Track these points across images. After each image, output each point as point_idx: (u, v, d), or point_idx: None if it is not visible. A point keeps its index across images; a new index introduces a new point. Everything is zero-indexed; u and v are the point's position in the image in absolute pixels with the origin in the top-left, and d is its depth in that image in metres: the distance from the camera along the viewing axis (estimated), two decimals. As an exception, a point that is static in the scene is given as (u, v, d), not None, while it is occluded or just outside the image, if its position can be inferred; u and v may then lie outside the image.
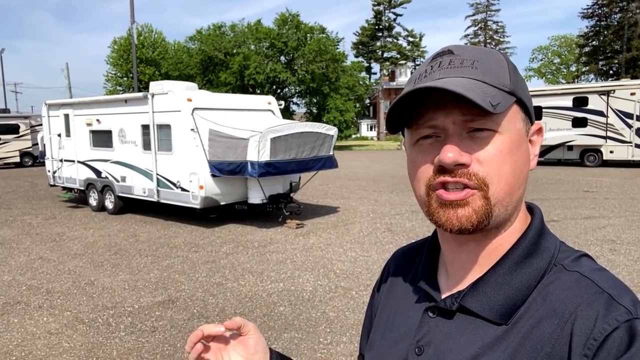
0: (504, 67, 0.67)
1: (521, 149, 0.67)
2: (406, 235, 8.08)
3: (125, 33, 39.69)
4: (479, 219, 0.64)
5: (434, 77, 0.66)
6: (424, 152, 0.68)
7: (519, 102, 0.67)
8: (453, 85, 0.61)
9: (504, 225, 0.69)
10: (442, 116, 0.65)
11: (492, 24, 57.19)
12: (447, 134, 0.65)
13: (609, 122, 17.96)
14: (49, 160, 12.64)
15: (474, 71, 0.65)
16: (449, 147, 0.64)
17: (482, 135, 0.64)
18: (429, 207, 0.68)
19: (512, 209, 0.67)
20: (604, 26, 46.16)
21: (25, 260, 7.15)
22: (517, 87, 0.67)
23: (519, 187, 0.67)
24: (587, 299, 0.61)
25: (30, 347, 4.29)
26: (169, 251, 7.51)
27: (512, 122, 0.66)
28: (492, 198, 0.64)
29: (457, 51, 0.68)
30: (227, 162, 8.53)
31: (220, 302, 5.31)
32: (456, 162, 0.63)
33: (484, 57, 0.67)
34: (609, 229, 8.15)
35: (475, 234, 0.67)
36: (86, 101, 11.64)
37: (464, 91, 0.60)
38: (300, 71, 35.10)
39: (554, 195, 11.83)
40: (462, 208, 0.65)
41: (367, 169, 20.68)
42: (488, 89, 0.63)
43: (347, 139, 43.12)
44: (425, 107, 0.66)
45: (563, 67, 56.70)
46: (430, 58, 0.70)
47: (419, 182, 0.69)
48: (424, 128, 0.67)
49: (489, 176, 0.64)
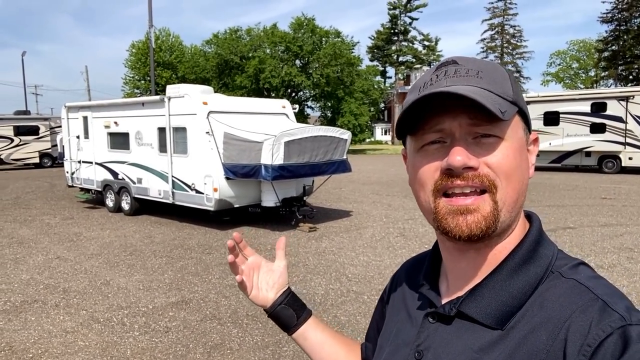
0: (506, 79, 0.69)
1: (523, 157, 0.69)
2: (419, 241, 8.05)
3: (143, 37, 40.28)
4: (487, 224, 0.65)
5: (441, 84, 0.67)
6: (429, 157, 0.69)
7: (520, 113, 0.70)
8: (465, 91, 0.63)
9: (506, 233, 0.70)
10: (449, 120, 0.66)
11: (509, 28, 56.62)
12: (454, 138, 0.66)
13: (627, 128, 17.65)
14: (68, 161, 12.88)
15: (480, 80, 0.67)
16: (458, 149, 0.65)
17: (489, 141, 0.66)
18: (436, 215, 0.68)
19: (515, 216, 0.69)
20: (624, 31, 45.39)
21: (43, 260, 7.29)
22: (519, 98, 0.69)
23: (522, 193, 0.69)
24: (581, 305, 0.61)
25: (47, 345, 4.38)
26: (183, 252, 7.59)
27: (515, 131, 0.68)
28: (499, 202, 0.65)
29: (461, 62, 0.70)
30: (241, 165, 8.60)
31: (232, 304, 5.35)
32: (465, 164, 0.64)
33: (487, 68, 0.69)
34: (627, 237, 8.01)
35: (481, 241, 0.68)
36: (104, 104, 11.86)
37: (476, 97, 0.62)
38: (315, 75, 35.17)
39: (571, 202, 11.66)
40: (472, 214, 0.65)
41: (380, 173, 20.63)
42: (495, 97, 0.65)
43: (361, 143, 43.05)
44: (432, 112, 0.67)
45: (582, 72, 55.87)
46: (435, 67, 0.72)
47: (424, 188, 0.69)
48: (430, 133, 0.68)
49: (497, 179, 0.65)
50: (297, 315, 1.00)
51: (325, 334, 1.00)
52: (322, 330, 1.01)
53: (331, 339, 1.00)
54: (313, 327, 1.00)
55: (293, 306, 1.00)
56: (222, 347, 4.30)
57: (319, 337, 0.99)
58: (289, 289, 1.01)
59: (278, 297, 0.99)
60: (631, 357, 0.55)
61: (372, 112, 42.23)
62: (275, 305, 1.00)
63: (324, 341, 0.99)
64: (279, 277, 1.00)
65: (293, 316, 0.99)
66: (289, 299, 1.00)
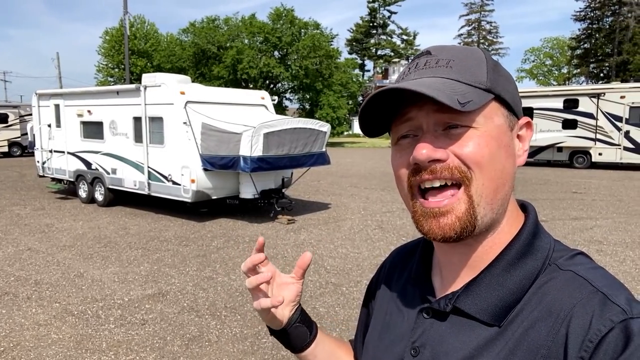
0: (481, 66, 0.67)
1: (502, 144, 0.66)
2: (397, 233, 8.13)
3: (118, 23, 39.31)
4: (462, 225, 0.64)
5: (410, 78, 0.68)
6: (402, 151, 0.69)
7: (498, 99, 0.67)
8: (417, 86, 0.62)
9: (493, 227, 0.68)
10: (415, 111, 0.66)
11: (486, 24, 57.48)
12: (422, 131, 0.66)
13: (598, 125, 18.16)
14: (39, 150, 12.50)
15: (448, 70, 0.66)
16: (422, 144, 0.64)
17: (458, 131, 0.64)
18: (414, 215, 0.68)
19: (498, 208, 0.66)
20: (596, 29, 46.60)
21: (14, 251, 7.08)
22: (496, 84, 0.67)
23: (504, 183, 0.66)
24: (581, 299, 0.60)
25: (19, 338, 4.27)
26: (159, 244, 7.49)
27: (490, 118, 0.65)
28: (475, 195, 0.64)
29: (434, 52, 0.69)
30: (219, 156, 8.50)
31: (210, 296, 5.31)
32: (430, 157, 0.63)
33: (460, 55, 0.68)
34: (596, 230, 8.26)
35: (459, 242, 0.66)
36: (77, 92, 11.52)
37: (427, 90, 0.60)
38: (293, 66, 34.98)
39: (543, 196, 11.96)
40: (445, 217, 0.64)
41: (358, 166, 20.72)
42: (459, 87, 0.64)
43: (339, 136, 43.13)
44: (403, 106, 0.67)
45: (555, 69, 57.13)
46: (411, 60, 0.72)
47: (402, 183, 0.69)
48: (401, 125, 0.68)
49: (469, 170, 0.63)
50: (309, 332, 0.90)
51: (331, 345, 0.94)
52: (329, 342, 0.93)
53: (337, 348, 0.95)
54: (321, 341, 0.91)
55: (305, 323, 0.90)
56: (200, 339, 4.27)
57: (326, 350, 0.92)
58: (299, 303, 0.90)
59: (292, 314, 0.88)
60: (634, 352, 0.54)
61: (351, 105, 42.29)
62: (290, 323, 0.88)
63: (331, 353, 0.93)
64: (294, 293, 0.88)
65: (306, 333, 0.89)
66: (301, 316, 0.89)
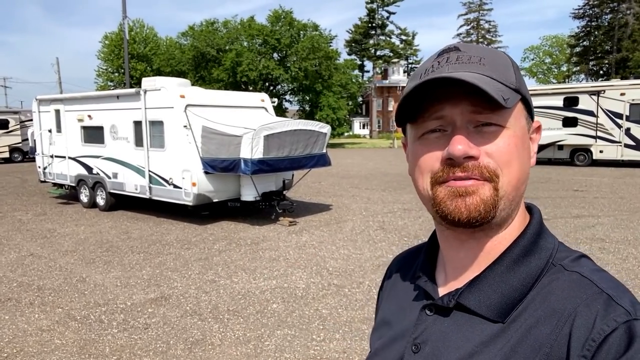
0: (509, 66, 0.68)
1: (525, 146, 0.69)
2: (398, 233, 8.13)
3: (117, 28, 39.38)
4: (486, 208, 0.64)
5: (443, 71, 0.66)
6: (429, 145, 0.67)
7: (523, 100, 0.68)
8: (468, 77, 0.62)
9: (505, 223, 0.69)
10: (450, 107, 0.65)
11: (485, 23, 57.49)
12: (455, 127, 0.65)
13: (599, 122, 18.13)
14: (40, 156, 12.52)
15: (482, 67, 0.65)
16: (459, 138, 0.63)
17: (490, 129, 0.65)
18: (435, 199, 0.67)
19: (515, 205, 0.68)
20: (595, 27, 46.59)
21: (16, 257, 7.09)
22: (522, 86, 0.68)
23: (524, 182, 0.68)
24: (586, 299, 0.60)
25: (22, 344, 4.27)
26: (161, 248, 7.49)
27: (518, 119, 0.67)
28: (500, 190, 0.65)
29: (463, 48, 0.69)
30: (220, 159, 8.51)
31: (213, 299, 5.31)
32: (466, 154, 0.63)
33: (489, 55, 0.68)
34: (598, 227, 8.25)
35: (479, 229, 0.67)
36: (77, 97, 11.55)
37: (479, 83, 0.61)
38: (293, 68, 35.00)
39: (544, 194, 11.94)
40: (470, 197, 0.64)
41: (359, 166, 20.72)
42: (497, 85, 0.64)
43: (339, 137, 43.14)
44: (433, 99, 0.66)
45: (554, 67, 57.16)
46: (436, 54, 0.70)
47: (423, 176, 0.68)
48: (430, 120, 0.67)
49: (498, 169, 0.64)
50: None
51: None
52: None
53: None
54: None
55: None
56: (203, 342, 4.27)
57: None
58: None
59: None
60: (635, 353, 0.54)
61: (350, 106, 42.36)
62: None
63: None
64: None
65: None
66: None
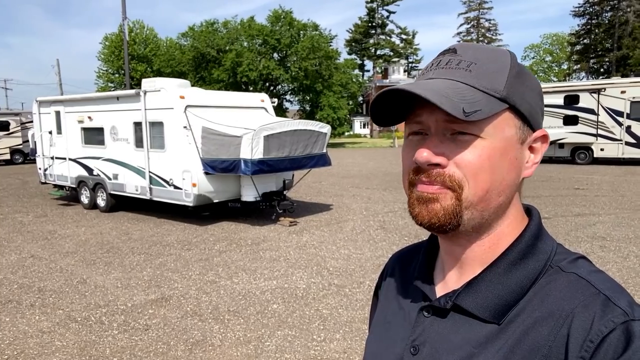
0: (503, 72, 0.66)
1: (507, 157, 0.66)
2: (399, 233, 8.12)
3: (117, 29, 39.42)
4: (446, 216, 0.65)
5: (428, 76, 0.68)
6: (410, 147, 0.70)
7: (513, 109, 0.66)
8: (425, 90, 0.61)
9: (485, 229, 0.69)
10: (426, 114, 0.66)
11: (485, 22, 57.42)
12: (430, 133, 0.66)
13: (599, 120, 18.10)
14: (40, 157, 12.53)
15: (466, 74, 0.65)
16: (423, 147, 0.65)
17: (464, 138, 0.64)
18: (408, 200, 0.70)
19: (489, 215, 0.67)
20: (595, 24, 46.52)
21: (17, 259, 7.10)
22: (514, 93, 0.65)
23: (499, 194, 0.66)
24: (583, 300, 0.60)
25: (23, 346, 4.27)
26: (161, 249, 7.49)
27: (500, 129, 0.65)
28: (465, 201, 0.65)
29: (460, 51, 0.68)
30: (220, 159, 8.51)
31: (213, 300, 5.31)
32: (429, 161, 0.65)
33: (484, 58, 0.66)
34: (599, 226, 8.23)
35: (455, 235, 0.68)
36: (78, 98, 11.55)
37: (433, 97, 0.60)
38: (293, 68, 34.98)
39: (545, 193, 11.93)
40: (432, 203, 0.66)
41: (360, 166, 20.71)
42: (471, 94, 0.63)
43: (340, 137, 43.13)
44: (418, 103, 0.67)
45: (555, 65, 57.08)
46: (437, 55, 0.72)
47: (404, 176, 0.71)
48: (412, 123, 0.69)
49: (464, 179, 0.64)
50: None
51: None
52: None
53: None
54: None
55: None
56: (203, 343, 4.27)
57: None
58: None
59: None
60: (633, 354, 0.54)
61: (351, 106, 42.32)
62: None
63: None
64: None
65: None
66: None
